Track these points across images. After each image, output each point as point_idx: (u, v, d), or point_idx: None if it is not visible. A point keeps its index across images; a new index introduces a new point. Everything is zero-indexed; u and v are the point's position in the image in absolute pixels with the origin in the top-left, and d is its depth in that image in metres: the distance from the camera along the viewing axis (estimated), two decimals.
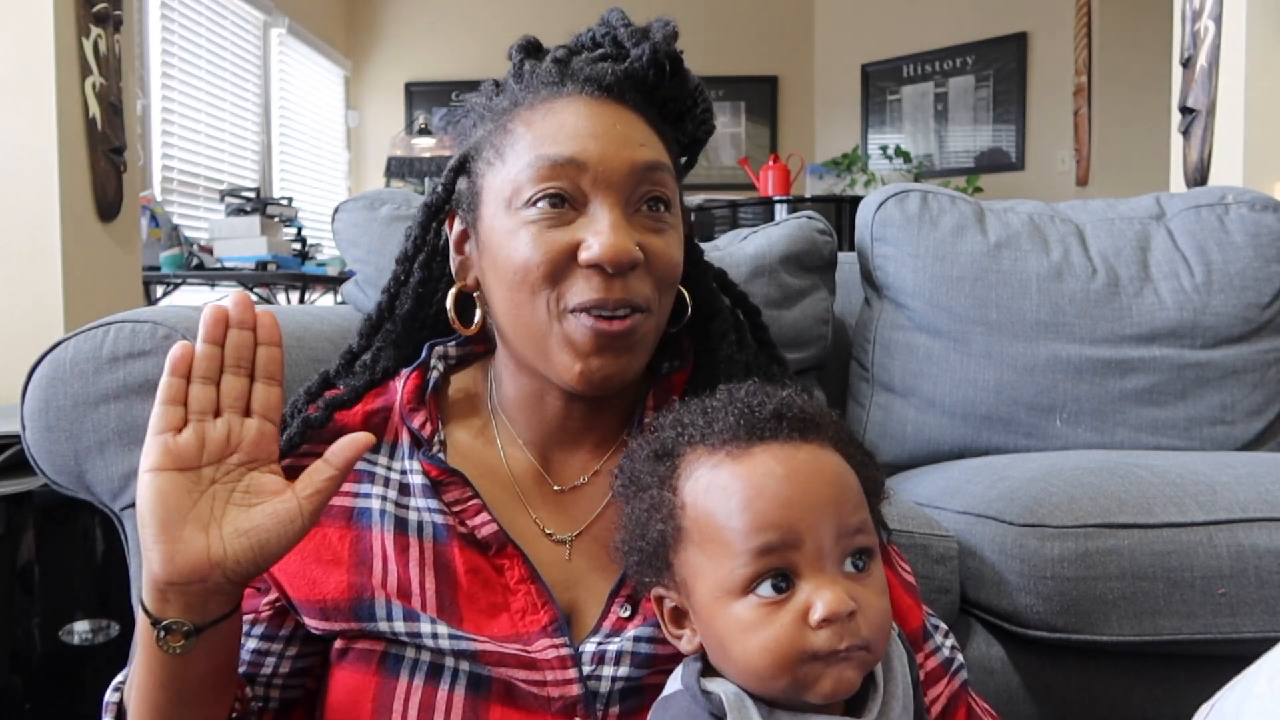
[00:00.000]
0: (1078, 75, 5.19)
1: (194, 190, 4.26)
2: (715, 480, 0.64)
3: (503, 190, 0.77)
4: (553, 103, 0.78)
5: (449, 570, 0.77)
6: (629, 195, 0.76)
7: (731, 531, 0.62)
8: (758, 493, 0.62)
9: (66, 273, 2.06)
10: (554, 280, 0.75)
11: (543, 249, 0.74)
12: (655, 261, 0.76)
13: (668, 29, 0.81)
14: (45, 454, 1.00)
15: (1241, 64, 2.16)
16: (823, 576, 0.61)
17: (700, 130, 0.85)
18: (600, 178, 0.75)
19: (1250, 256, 1.44)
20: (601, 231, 0.73)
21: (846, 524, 0.62)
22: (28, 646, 1.50)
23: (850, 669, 0.60)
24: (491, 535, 0.78)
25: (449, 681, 0.74)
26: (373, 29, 6.10)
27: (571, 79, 0.78)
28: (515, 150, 0.77)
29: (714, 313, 0.89)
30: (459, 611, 0.76)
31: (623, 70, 0.78)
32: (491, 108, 0.82)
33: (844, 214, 4.24)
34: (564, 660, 0.73)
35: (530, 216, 0.75)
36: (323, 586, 0.77)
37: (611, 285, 0.74)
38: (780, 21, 6.22)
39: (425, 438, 0.81)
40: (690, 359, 0.88)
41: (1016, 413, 1.41)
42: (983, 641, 1.14)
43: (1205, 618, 1.05)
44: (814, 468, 0.64)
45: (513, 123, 0.78)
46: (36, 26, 2.03)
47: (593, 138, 0.75)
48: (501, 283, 0.78)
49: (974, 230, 1.46)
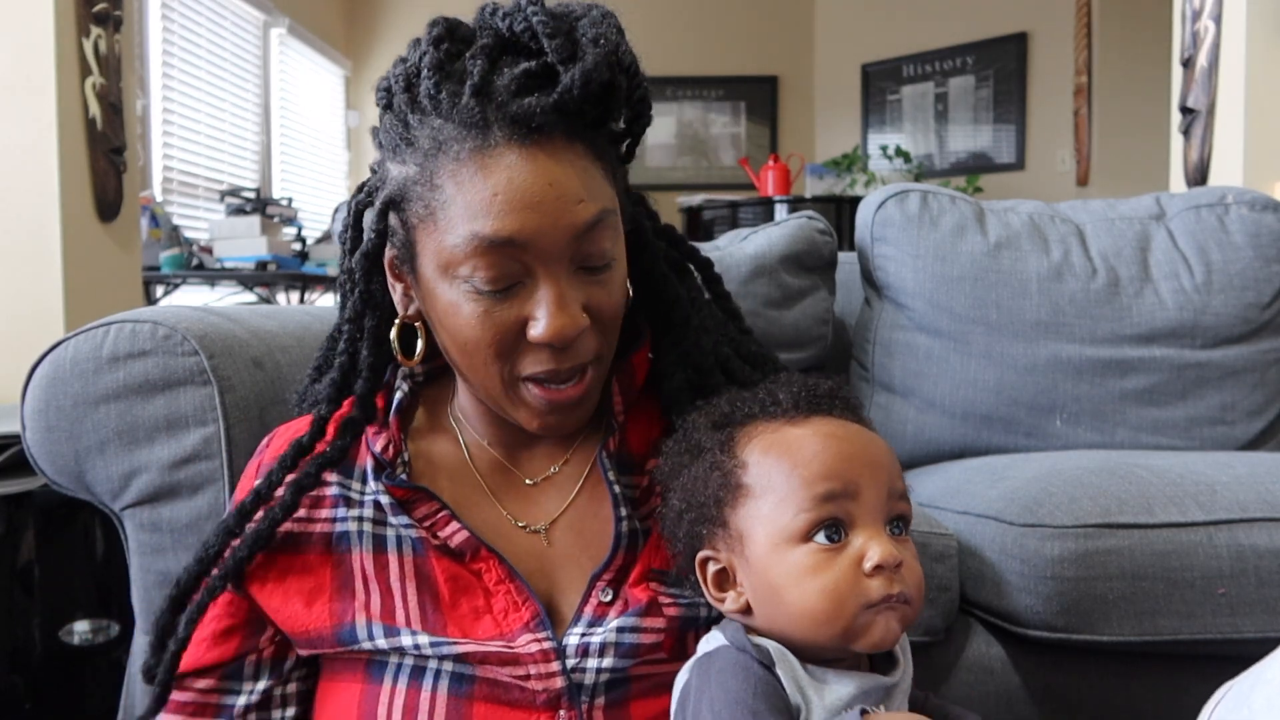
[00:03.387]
0: (1078, 75, 5.19)
1: (194, 190, 4.25)
2: (779, 439, 0.70)
3: (439, 255, 0.73)
4: (482, 158, 0.70)
5: (430, 581, 0.78)
6: (570, 258, 0.73)
7: (797, 478, 0.67)
8: (823, 446, 0.68)
9: (66, 273, 2.06)
10: (504, 355, 0.75)
11: (490, 330, 0.73)
12: (600, 314, 0.76)
13: (600, 46, 0.71)
14: (45, 454, 1.00)
15: (1241, 64, 2.16)
16: (873, 529, 0.66)
17: (636, 125, 0.80)
18: (539, 253, 0.71)
19: (1250, 256, 1.44)
20: (547, 313, 0.72)
21: (895, 487, 0.69)
22: (28, 646, 1.50)
23: (895, 620, 0.65)
24: (464, 543, 0.78)
25: (431, 682, 0.75)
26: (373, 29, 6.10)
27: (498, 120, 0.70)
28: (447, 215, 0.71)
29: (672, 300, 0.86)
30: (442, 620, 0.76)
31: (551, 104, 0.70)
32: (410, 138, 0.74)
33: (844, 214, 4.25)
34: (547, 654, 0.74)
35: (472, 295, 0.73)
36: (305, 619, 0.78)
37: (561, 357, 0.74)
38: (780, 21, 6.22)
39: (388, 461, 0.81)
40: (644, 336, 0.87)
41: (1016, 413, 1.41)
42: (983, 641, 1.14)
43: (1205, 618, 1.05)
44: (868, 436, 0.71)
45: (439, 176, 0.72)
46: (36, 26, 2.03)
47: (529, 210, 0.70)
48: (452, 343, 0.77)
49: (974, 230, 1.46)
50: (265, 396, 1.04)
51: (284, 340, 1.11)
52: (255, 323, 1.11)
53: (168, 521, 1.01)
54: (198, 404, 0.99)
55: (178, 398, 0.99)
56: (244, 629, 0.81)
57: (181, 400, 0.99)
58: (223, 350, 1.02)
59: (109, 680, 0.95)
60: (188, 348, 1.00)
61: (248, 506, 0.79)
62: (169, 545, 1.01)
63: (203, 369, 0.99)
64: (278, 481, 0.79)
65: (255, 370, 1.04)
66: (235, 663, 0.80)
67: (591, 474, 0.83)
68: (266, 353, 1.07)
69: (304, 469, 0.79)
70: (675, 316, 0.85)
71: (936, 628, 1.11)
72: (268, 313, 1.18)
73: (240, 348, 1.04)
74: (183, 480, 1.00)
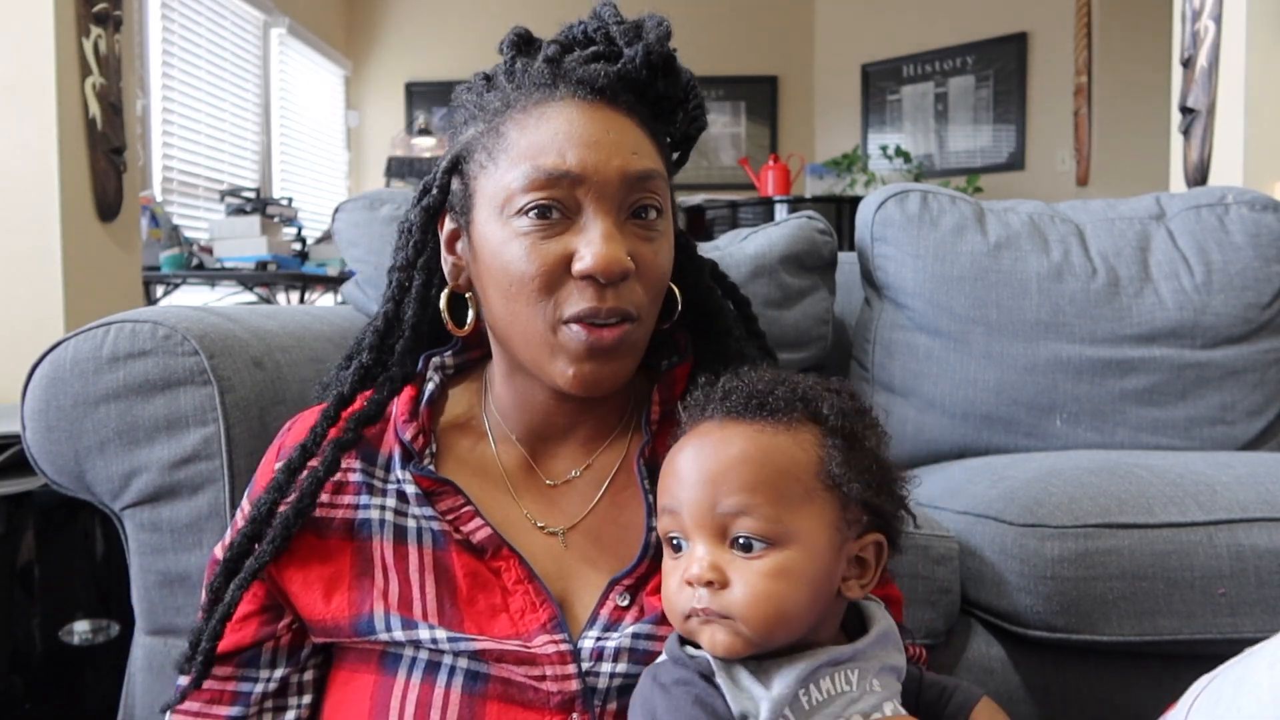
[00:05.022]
0: (1078, 75, 5.19)
1: (194, 190, 4.26)
2: (674, 448, 0.73)
3: (495, 195, 0.77)
4: (545, 107, 0.77)
5: (449, 575, 0.78)
6: (620, 203, 0.76)
7: (661, 489, 0.72)
8: (670, 460, 0.71)
9: (66, 273, 2.06)
10: (549, 291, 0.76)
11: (537, 262, 0.75)
12: (645, 270, 0.78)
13: (661, 28, 0.81)
14: (45, 454, 1.00)
15: (1241, 64, 2.16)
16: (699, 543, 0.67)
17: (692, 127, 0.85)
18: (593, 188, 0.75)
19: (1250, 256, 1.44)
20: (594, 243, 0.74)
21: (725, 503, 0.67)
22: (28, 646, 1.50)
23: (720, 633, 0.65)
24: (486, 539, 0.78)
25: (446, 678, 0.75)
26: (373, 29, 6.10)
27: (564, 80, 0.77)
28: (508, 155, 0.76)
29: (715, 310, 0.90)
30: (459, 615, 0.77)
31: (615, 72, 0.78)
32: (483, 105, 0.81)
33: (844, 214, 4.25)
34: (563, 656, 0.74)
35: (523, 227, 0.75)
36: (324, 608, 0.78)
37: (604, 295, 0.75)
38: (780, 21, 6.22)
39: (416, 450, 0.81)
40: (689, 354, 0.88)
41: (1016, 413, 1.41)
42: (983, 641, 1.14)
43: (1205, 618, 1.05)
44: (716, 448, 0.69)
45: (505, 125, 0.78)
46: (36, 26, 2.03)
47: (586, 147, 0.75)
48: (497, 290, 0.78)
49: (974, 230, 1.46)
50: (265, 396, 1.04)
51: (284, 340, 1.11)
52: (255, 323, 1.11)
53: (168, 521, 1.01)
54: (198, 404, 0.99)
55: (178, 398, 0.99)
56: (262, 614, 0.81)
57: (181, 400, 0.99)
58: (223, 350, 1.02)
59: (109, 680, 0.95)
60: (188, 348, 1.00)
61: (295, 463, 0.79)
62: (169, 545, 1.01)
63: (203, 369, 0.99)
64: (322, 435, 0.80)
65: (255, 370, 1.04)
66: (253, 649, 0.80)
67: (615, 480, 0.84)
68: (266, 353, 1.07)
69: (344, 426, 0.80)
70: (716, 327, 0.89)
71: (938, 629, 1.11)
72: (268, 313, 1.18)
73: (240, 348, 1.04)
74: (183, 480, 1.00)
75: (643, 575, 0.78)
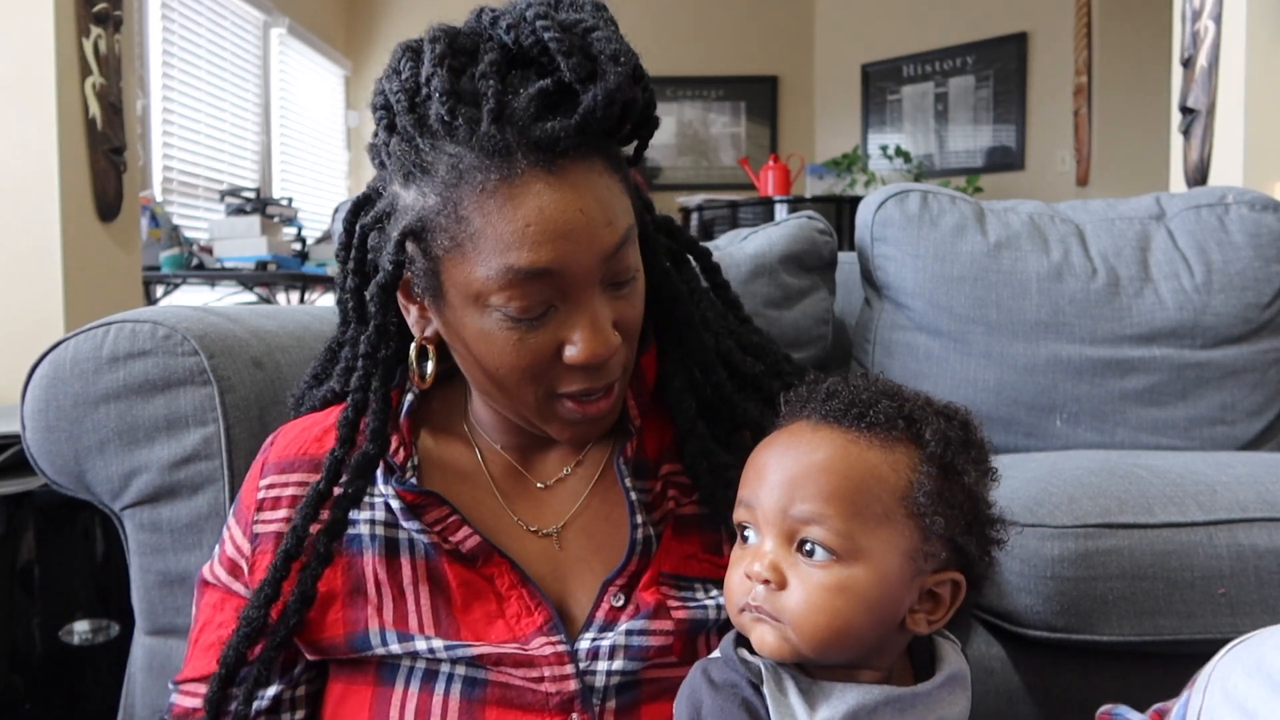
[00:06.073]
0: (1078, 75, 5.19)
1: (194, 190, 4.25)
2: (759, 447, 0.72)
3: (468, 286, 0.72)
4: (509, 189, 0.69)
5: (443, 585, 0.78)
6: (600, 281, 0.73)
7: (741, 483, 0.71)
8: (754, 454, 0.71)
9: (66, 273, 2.06)
10: (538, 377, 0.74)
11: (525, 356, 0.73)
12: (628, 329, 0.76)
13: (622, 59, 0.70)
14: (45, 454, 1.00)
15: (1241, 64, 2.16)
16: (767, 539, 0.67)
17: (645, 130, 0.78)
18: (573, 278, 0.71)
19: (1250, 256, 1.44)
20: (584, 335, 0.72)
21: (799, 508, 0.66)
22: (28, 646, 1.50)
23: (769, 634, 0.65)
24: (476, 547, 0.78)
25: (444, 685, 0.75)
26: (373, 29, 6.10)
27: (521, 146, 0.69)
28: (476, 247, 0.70)
29: (672, 297, 0.86)
30: (455, 624, 0.76)
31: (575, 126, 0.69)
32: (423, 163, 0.72)
33: (844, 214, 4.25)
34: (561, 656, 0.74)
35: (504, 323, 0.72)
36: (317, 629, 0.78)
37: (596, 375, 0.74)
38: (780, 21, 6.22)
39: (398, 465, 0.81)
40: (651, 339, 0.87)
41: (1016, 413, 1.41)
42: (983, 641, 1.14)
43: (1205, 618, 1.05)
44: (799, 451, 0.68)
45: (465, 207, 0.70)
46: (36, 26, 2.02)
47: (561, 239, 0.69)
48: (479, 369, 0.76)
49: (974, 230, 1.46)
50: (265, 396, 1.04)
51: (284, 340, 1.11)
52: (255, 323, 1.11)
53: (168, 521, 1.01)
54: (198, 404, 0.99)
55: (178, 398, 0.99)
56: None
57: (181, 400, 0.99)
58: (223, 350, 1.02)
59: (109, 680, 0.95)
60: (188, 348, 1.00)
61: (279, 564, 0.76)
62: (169, 545, 1.01)
63: (203, 369, 0.99)
64: (304, 535, 0.76)
65: (255, 370, 1.04)
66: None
67: (604, 477, 0.83)
68: (266, 353, 1.07)
69: (331, 515, 0.77)
70: (677, 314, 0.85)
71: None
72: (268, 313, 1.18)
73: (240, 348, 1.04)
74: (183, 480, 1.00)
75: (633, 573, 0.78)
